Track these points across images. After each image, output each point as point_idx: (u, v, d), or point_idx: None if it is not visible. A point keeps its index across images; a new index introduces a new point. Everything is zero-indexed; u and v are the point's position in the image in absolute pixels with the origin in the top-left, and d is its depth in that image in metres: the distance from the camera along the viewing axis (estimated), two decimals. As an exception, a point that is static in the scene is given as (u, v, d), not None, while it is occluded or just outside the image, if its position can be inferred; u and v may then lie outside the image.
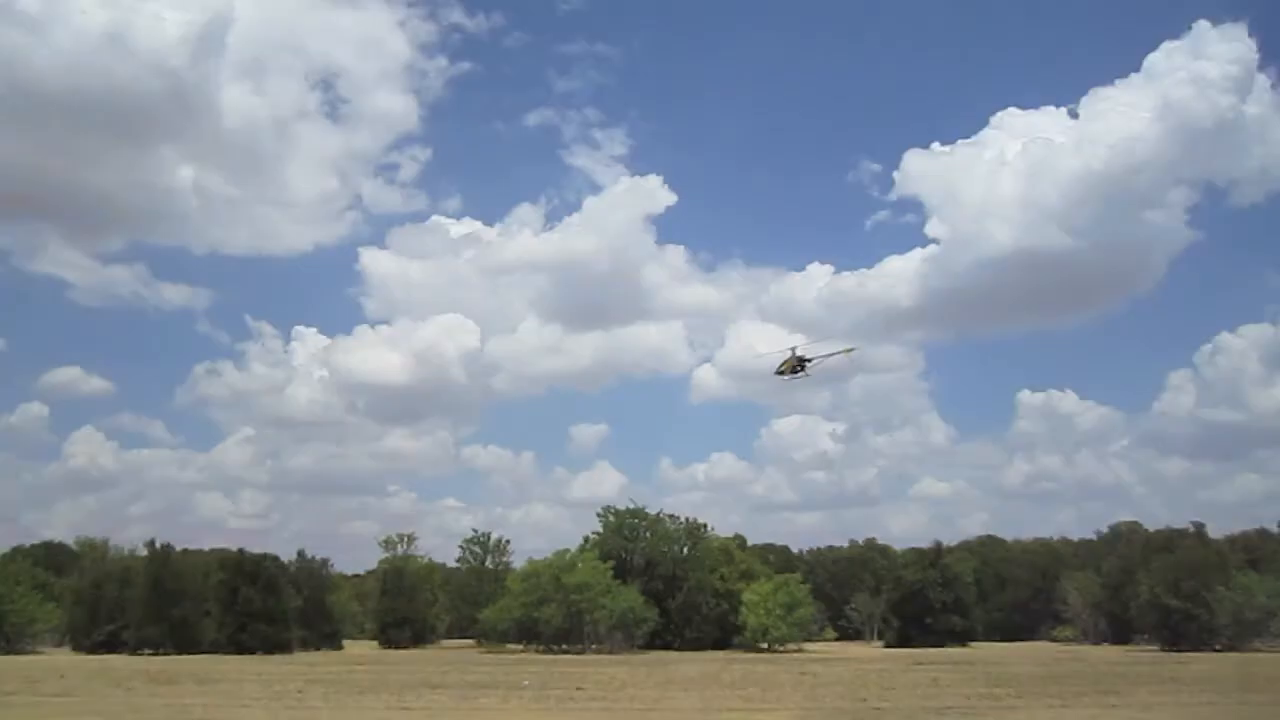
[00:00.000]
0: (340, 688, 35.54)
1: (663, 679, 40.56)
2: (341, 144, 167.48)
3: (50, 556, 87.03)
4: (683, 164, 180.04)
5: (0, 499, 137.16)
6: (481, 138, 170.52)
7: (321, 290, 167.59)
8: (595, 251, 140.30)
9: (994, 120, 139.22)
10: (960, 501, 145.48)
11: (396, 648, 78.26)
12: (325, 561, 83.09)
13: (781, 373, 52.51)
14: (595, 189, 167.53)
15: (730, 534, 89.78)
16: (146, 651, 64.85)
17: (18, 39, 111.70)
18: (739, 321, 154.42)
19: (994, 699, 31.61)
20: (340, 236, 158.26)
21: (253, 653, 63.84)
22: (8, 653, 61.29)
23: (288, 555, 78.55)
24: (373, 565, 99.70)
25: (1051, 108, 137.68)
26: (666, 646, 73.06)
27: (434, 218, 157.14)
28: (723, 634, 75.99)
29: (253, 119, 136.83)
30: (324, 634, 76.95)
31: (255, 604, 67.38)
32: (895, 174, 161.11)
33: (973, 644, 78.15)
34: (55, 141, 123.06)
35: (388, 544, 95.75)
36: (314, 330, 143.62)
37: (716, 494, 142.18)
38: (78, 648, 68.30)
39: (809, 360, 51.92)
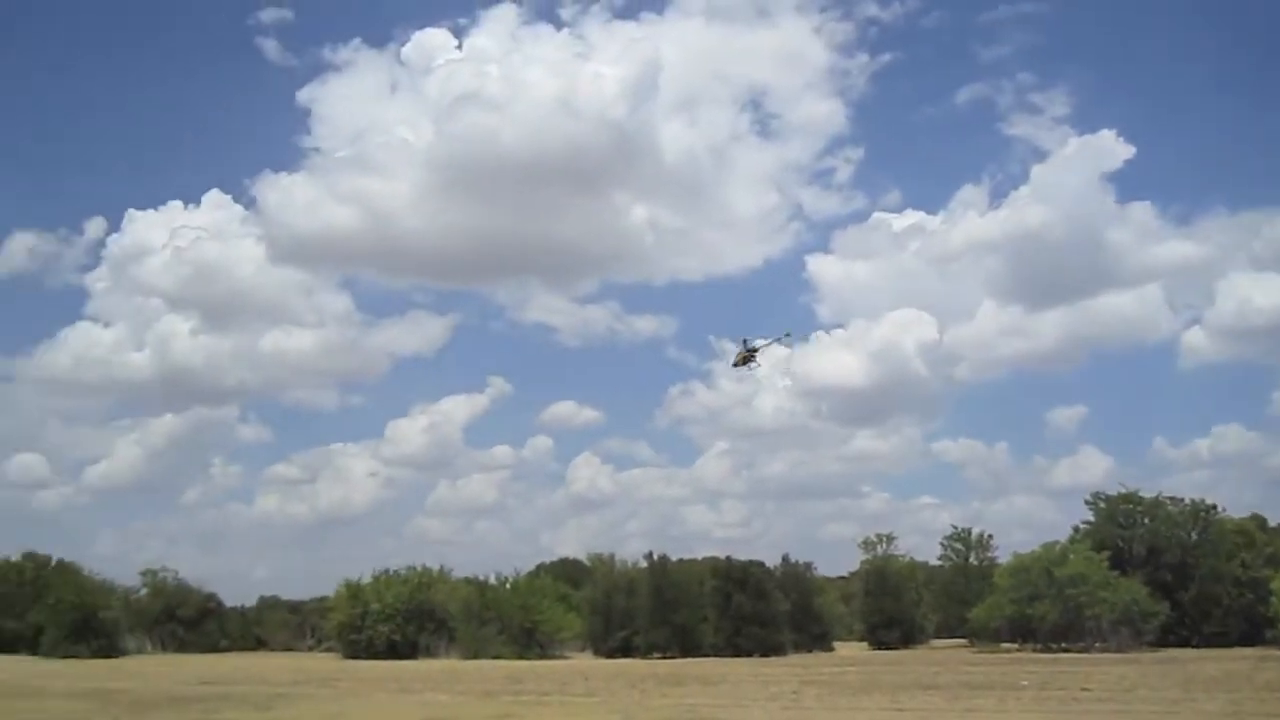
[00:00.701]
0: (833, 688, 36.06)
1: (1180, 679, 36.84)
2: (776, 159, 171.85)
3: (567, 571, 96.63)
4: (1137, 111, 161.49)
5: (523, 523, 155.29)
6: (913, 126, 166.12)
7: (775, 302, 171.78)
8: (1049, 222, 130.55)
9: None
10: None
11: (885, 648, 78.12)
12: (809, 565, 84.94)
13: (737, 365, 54.77)
14: (1040, 156, 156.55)
15: (1246, 514, 79.80)
16: (656, 655, 69.89)
17: (488, 120, 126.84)
18: (1229, 275, 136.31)
19: None
20: (785, 248, 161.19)
21: (749, 655, 66.65)
22: (541, 657, 68.78)
23: (772, 561, 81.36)
24: (854, 567, 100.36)
25: None
26: (1183, 644, 66.32)
27: (875, 215, 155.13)
28: (1251, 628, 67.54)
29: (691, 152, 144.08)
30: (814, 636, 78.58)
31: (747, 609, 70.64)
32: None
33: None
34: (528, 204, 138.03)
35: (867, 545, 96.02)
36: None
37: (1224, 471, 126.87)
38: (597, 652, 75.12)
39: (756, 350, 53.59)
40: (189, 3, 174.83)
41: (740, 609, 70.49)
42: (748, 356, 54.54)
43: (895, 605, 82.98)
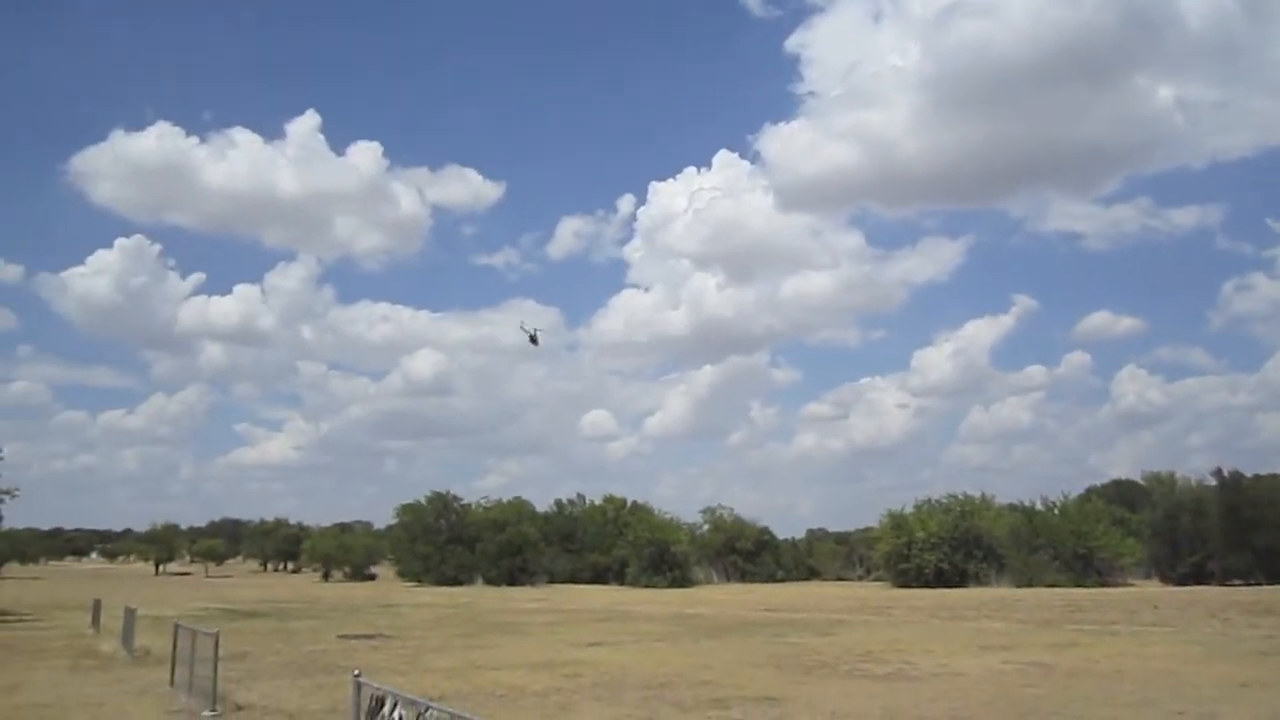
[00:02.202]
0: None
1: None
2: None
3: (1120, 493, 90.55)
4: None
5: (1065, 444, 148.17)
6: None
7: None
8: None
9: None
10: None
11: None
12: None
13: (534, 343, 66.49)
14: None
15: None
16: (1235, 582, 63.37)
17: (979, 27, 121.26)
18: None
19: None
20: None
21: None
22: (1099, 585, 65.02)
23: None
24: None
25: None
26: None
27: None
28: None
29: (1220, 10, 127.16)
30: None
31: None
32: None
33: None
34: (1033, 108, 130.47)
35: None
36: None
37: None
38: (1164, 579, 69.59)
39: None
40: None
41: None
42: (532, 338, 65.24)
43: None
